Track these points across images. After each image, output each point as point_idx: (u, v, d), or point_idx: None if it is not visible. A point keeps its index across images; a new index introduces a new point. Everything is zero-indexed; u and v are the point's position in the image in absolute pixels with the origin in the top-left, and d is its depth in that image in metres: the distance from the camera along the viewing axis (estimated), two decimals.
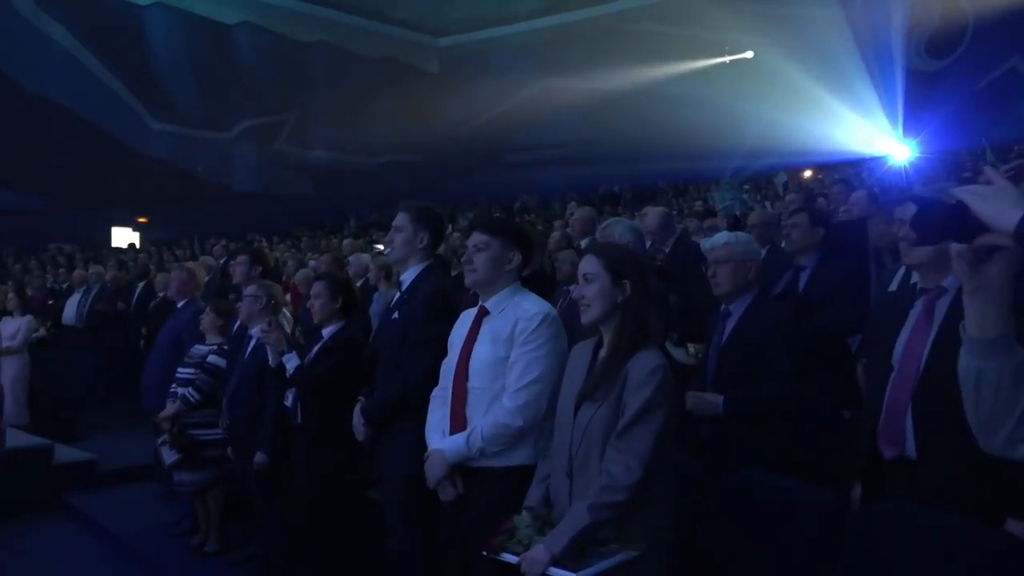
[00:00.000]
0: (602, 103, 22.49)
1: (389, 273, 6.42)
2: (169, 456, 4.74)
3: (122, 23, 20.86)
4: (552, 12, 24.54)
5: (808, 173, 17.66)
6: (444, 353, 2.86)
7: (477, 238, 2.68)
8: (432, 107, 24.02)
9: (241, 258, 4.76)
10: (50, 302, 10.79)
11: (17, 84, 19.97)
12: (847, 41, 19.48)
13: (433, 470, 2.59)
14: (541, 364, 2.50)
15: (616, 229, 3.55)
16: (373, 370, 3.18)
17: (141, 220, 22.81)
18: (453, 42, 25.84)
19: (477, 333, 2.64)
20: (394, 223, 3.17)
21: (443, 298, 3.03)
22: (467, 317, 2.74)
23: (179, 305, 5.49)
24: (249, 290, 4.24)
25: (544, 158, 24.68)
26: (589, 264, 2.28)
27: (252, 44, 23.43)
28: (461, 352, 2.64)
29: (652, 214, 6.13)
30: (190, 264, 5.86)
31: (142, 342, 8.97)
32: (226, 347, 4.73)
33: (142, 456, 6.47)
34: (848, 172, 16.08)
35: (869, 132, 19.91)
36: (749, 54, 22.40)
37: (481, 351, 2.59)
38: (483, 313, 2.67)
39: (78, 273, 10.37)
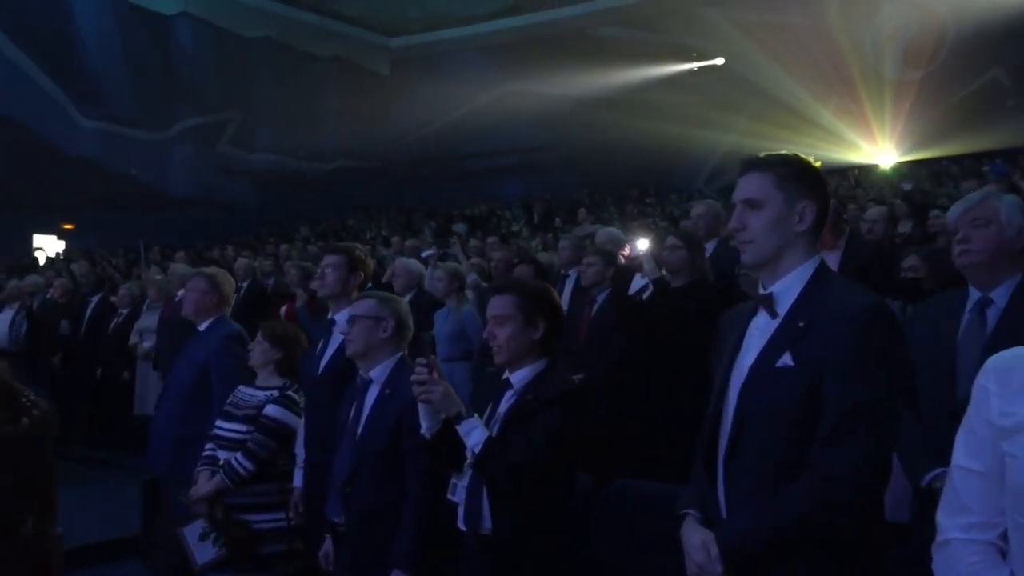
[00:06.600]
0: (564, 109, 21.63)
1: (462, 284, 5.00)
2: (205, 552, 3.24)
3: (45, 7, 18.70)
4: (513, 14, 23.66)
5: None
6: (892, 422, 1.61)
7: None
8: (384, 111, 22.97)
9: (331, 259, 3.21)
10: None
11: None
12: (825, 49, 19.08)
13: None
14: None
15: (1000, 207, 2.21)
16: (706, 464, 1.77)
17: (67, 227, 20.64)
18: (406, 43, 24.76)
19: None
20: (736, 196, 1.81)
21: (888, 317, 1.68)
22: None
23: (201, 328, 3.89)
24: (364, 307, 2.73)
25: (503, 165, 23.72)
26: None
27: (192, 37, 21.73)
28: None
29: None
30: (211, 270, 4.19)
31: (99, 371, 7.53)
32: (292, 392, 3.26)
33: (120, 525, 5.04)
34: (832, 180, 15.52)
35: (850, 141, 19.55)
36: (720, 61, 21.86)
37: None
38: None
39: (12, 285, 8.53)
